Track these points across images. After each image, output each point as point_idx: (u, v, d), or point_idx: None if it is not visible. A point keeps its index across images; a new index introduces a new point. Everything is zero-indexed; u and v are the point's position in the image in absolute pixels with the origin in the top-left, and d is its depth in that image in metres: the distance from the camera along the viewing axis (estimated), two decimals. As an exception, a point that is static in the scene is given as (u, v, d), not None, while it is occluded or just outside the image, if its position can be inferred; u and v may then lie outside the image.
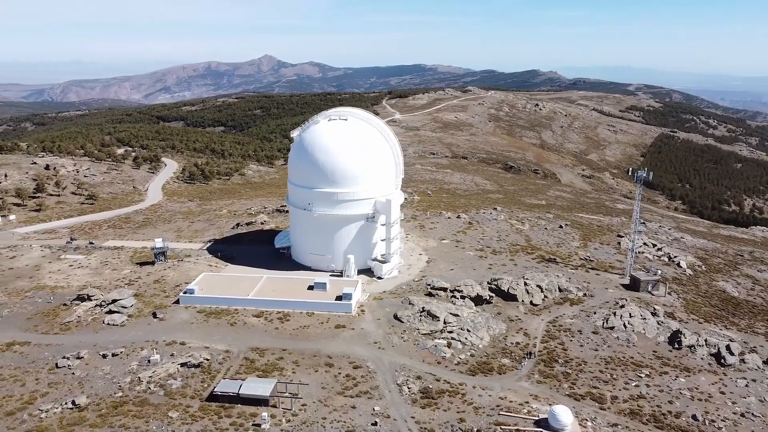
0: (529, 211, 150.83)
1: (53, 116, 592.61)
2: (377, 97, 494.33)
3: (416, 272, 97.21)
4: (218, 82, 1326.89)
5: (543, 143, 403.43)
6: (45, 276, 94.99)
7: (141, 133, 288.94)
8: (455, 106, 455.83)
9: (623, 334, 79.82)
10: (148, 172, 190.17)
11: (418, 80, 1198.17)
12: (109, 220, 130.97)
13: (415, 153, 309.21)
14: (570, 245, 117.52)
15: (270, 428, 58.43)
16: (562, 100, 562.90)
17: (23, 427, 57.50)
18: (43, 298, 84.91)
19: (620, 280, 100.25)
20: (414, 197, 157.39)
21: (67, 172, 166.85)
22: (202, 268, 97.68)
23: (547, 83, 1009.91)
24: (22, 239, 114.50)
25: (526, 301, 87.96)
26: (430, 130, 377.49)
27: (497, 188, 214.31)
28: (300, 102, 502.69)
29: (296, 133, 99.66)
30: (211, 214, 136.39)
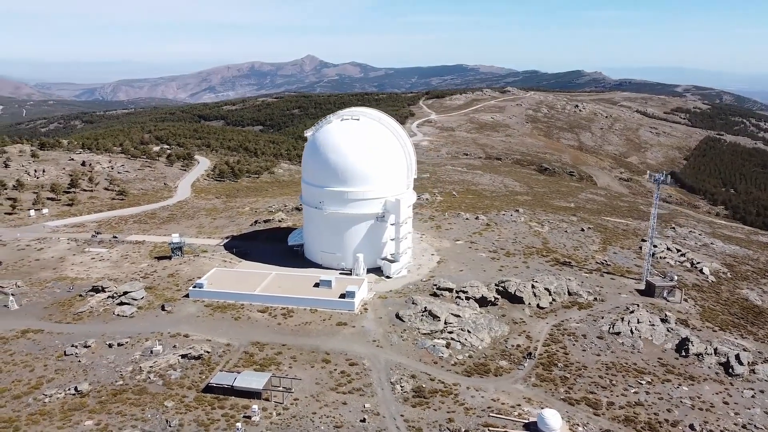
0: (554, 214, 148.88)
1: (101, 114, 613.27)
2: (414, 98, 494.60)
3: (426, 272, 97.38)
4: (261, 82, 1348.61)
5: (581, 145, 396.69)
6: (68, 268, 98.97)
7: (179, 131, 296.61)
8: (492, 106, 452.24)
9: (629, 340, 78.36)
10: (180, 170, 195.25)
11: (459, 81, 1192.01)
12: (135, 215, 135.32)
13: (448, 154, 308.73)
14: (588, 249, 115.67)
15: (260, 420, 59.73)
16: (604, 102, 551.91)
17: (27, 410, 60.34)
18: (61, 289, 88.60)
19: (635, 286, 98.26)
20: (436, 197, 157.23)
21: (102, 169, 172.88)
22: (216, 263, 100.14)
23: (591, 84, 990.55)
24: (52, 232, 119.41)
25: (533, 303, 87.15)
26: (465, 130, 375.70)
27: (526, 190, 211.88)
28: (338, 102, 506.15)
29: (310, 133, 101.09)
30: (233, 211, 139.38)
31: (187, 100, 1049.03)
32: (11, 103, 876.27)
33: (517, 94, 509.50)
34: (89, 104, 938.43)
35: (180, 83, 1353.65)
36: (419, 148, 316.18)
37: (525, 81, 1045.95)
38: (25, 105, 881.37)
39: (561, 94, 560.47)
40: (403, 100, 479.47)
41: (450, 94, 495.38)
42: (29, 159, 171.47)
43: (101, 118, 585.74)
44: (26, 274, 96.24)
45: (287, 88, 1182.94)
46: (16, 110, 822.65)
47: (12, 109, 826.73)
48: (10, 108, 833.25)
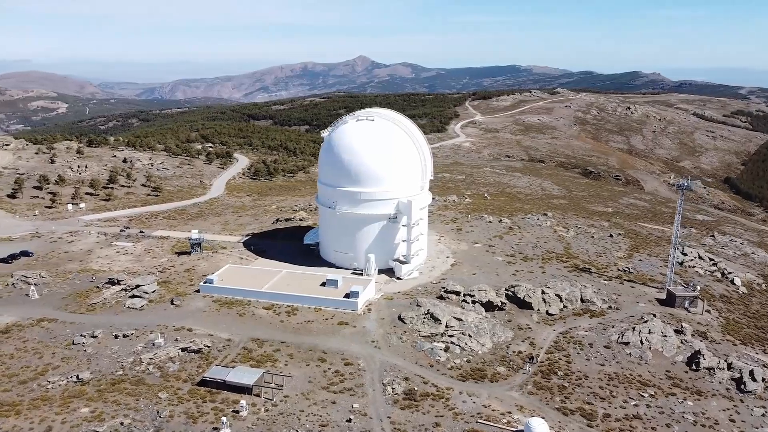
0: (585, 219, 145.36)
1: (157, 113, 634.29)
2: (460, 99, 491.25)
3: (437, 275, 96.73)
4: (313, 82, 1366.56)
5: (631, 148, 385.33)
6: (93, 260, 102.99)
7: (224, 130, 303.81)
8: (540, 108, 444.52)
9: (637, 351, 75.75)
10: (218, 168, 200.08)
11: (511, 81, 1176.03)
12: (166, 211, 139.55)
13: (490, 155, 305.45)
14: (612, 255, 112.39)
15: (247, 416, 60.65)
16: (659, 104, 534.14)
17: (30, 395, 63.15)
18: (82, 281, 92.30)
19: (656, 295, 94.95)
20: (464, 199, 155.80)
21: (141, 166, 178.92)
22: (233, 260, 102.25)
23: (649, 86, 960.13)
24: (85, 226, 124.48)
25: (542, 310, 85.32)
26: (510, 132, 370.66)
27: (564, 193, 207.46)
28: (383, 102, 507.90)
29: (326, 133, 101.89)
30: (260, 209, 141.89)
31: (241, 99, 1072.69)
32: (76, 102, 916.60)
33: (566, 96, 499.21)
34: (148, 103, 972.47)
35: (235, 83, 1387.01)
36: (460, 150, 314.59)
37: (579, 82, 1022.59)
38: (89, 103, 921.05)
39: (613, 96, 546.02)
40: (449, 101, 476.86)
41: (497, 95, 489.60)
42: (74, 155, 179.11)
43: (157, 116, 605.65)
44: (54, 265, 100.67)
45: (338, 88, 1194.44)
46: (80, 108, 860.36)
47: (76, 107, 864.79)
48: (75, 106, 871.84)
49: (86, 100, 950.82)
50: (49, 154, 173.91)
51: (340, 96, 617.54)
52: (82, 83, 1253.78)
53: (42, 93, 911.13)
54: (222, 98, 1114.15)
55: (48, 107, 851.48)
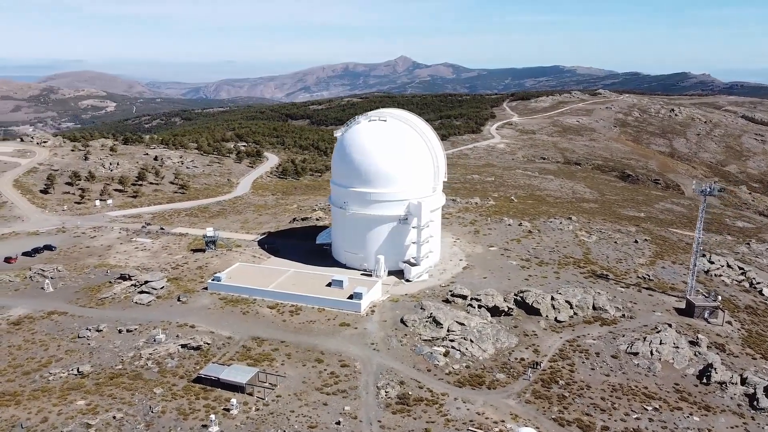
0: (613, 223, 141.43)
1: (199, 112, 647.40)
2: (498, 99, 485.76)
3: (447, 278, 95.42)
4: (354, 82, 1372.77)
5: (673, 151, 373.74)
6: (112, 255, 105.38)
7: (258, 129, 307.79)
8: (579, 109, 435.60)
9: (646, 362, 72.99)
10: (247, 166, 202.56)
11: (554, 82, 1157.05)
12: (189, 208, 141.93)
13: (524, 157, 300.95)
14: (633, 261, 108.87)
15: (237, 414, 60.86)
16: (706, 106, 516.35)
17: (32, 386, 64.85)
18: (96, 275, 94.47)
19: (676, 304, 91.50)
20: (488, 201, 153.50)
21: (171, 164, 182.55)
22: (246, 258, 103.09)
23: (698, 87, 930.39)
24: (110, 222, 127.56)
25: (551, 316, 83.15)
26: (547, 134, 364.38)
27: (596, 197, 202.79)
28: (420, 103, 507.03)
29: (339, 133, 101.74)
30: (281, 208, 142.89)
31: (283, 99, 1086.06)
32: (124, 101, 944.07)
33: (608, 97, 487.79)
34: (192, 102, 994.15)
35: (278, 83, 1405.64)
36: (494, 151, 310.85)
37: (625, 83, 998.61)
38: (136, 102, 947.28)
39: (657, 98, 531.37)
40: (487, 102, 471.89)
41: (536, 96, 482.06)
42: (108, 153, 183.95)
43: (199, 115, 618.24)
44: (74, 259, 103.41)
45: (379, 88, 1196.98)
46: (128, 107, 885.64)
47: (124, 106, 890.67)
48: (123, 105, 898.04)
49: (134, 99, 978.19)
50: (83, 152, 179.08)
51: (377, 96, 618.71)
52: (131, 83, 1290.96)
53: (92, 92, 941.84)
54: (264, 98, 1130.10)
55: (97, 106, 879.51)
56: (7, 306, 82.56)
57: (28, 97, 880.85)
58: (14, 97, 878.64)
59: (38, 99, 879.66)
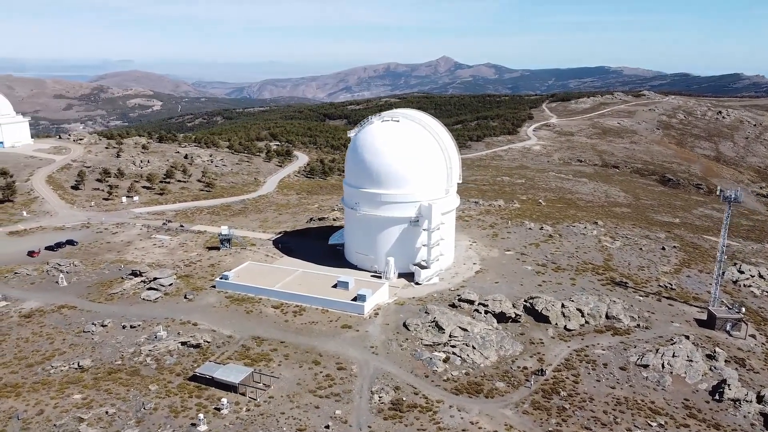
0: (643, 229, 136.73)
1: (240, 111, 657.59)
2: (537, 100, 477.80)
3: (458, 281, 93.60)
4: (396, 82, 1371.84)
5: (719, 155, 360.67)
6: (130, 251, 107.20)
7: (293, 129, 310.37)
8: (621, 111, 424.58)
9: (656, 375, 69.83)
10: (276, 165, 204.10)
11: (599, 83, 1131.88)
12: (212, 207, 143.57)
13: (560, 159, 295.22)
14: (656, 269, 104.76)
15: (227, 414, 60.73)
16: (758, 108, 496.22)
17: (33, 378, 66.23)
18: (111, 271, 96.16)
19: (697, 315, 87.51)
20: (513, 204, 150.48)
21: (201, 162, 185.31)
22: (259, 257, 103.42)
23: (751, 89, 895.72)
24: (134, 218, 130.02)
25: (560, 324, 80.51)
26: (586, 135, 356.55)
27: (630, 201, 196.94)
28: (458, 103, 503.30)
29: (352, 133, 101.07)
30: (301, 207, 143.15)
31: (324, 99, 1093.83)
32: (170, 100, 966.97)
33: (652, 98, 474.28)
34: (235, 102, 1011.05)
35: (320, 83, 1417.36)
36: (529, 153, 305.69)
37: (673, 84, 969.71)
38: (181, 101, 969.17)
39: (705, 99, 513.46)
40: (525, 103, 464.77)
41: (576, 97, 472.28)
42: (140, 150, 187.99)
43: (240, 114, 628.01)
44: (93, 254, 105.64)
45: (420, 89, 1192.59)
46: (173, 106, 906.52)
47: (170, 105, 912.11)
48: (168, 104, 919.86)
49: (179, 99, 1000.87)
50: (116, 149, 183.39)
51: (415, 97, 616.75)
52: (177, 82, 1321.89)
53: (140, 91, 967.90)
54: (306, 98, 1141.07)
55: (144, 105, 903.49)
56: (21, 299, 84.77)
57: (79, 96, 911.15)
58: (66, 95, 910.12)
59: (89, 98, 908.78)
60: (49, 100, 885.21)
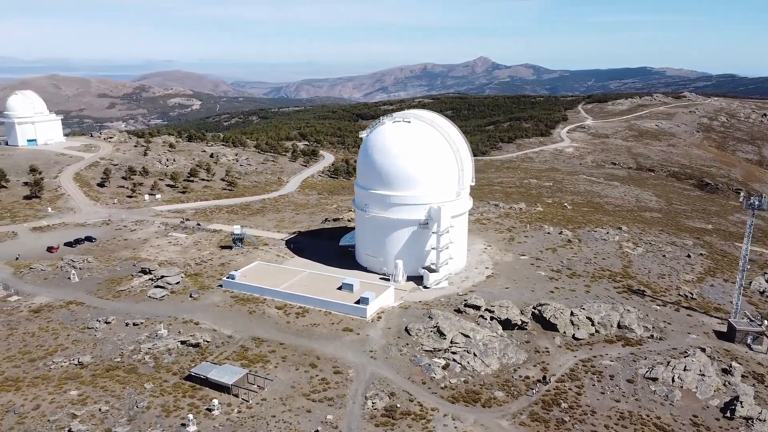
0: (671, 235, 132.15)
1: (275, 111, 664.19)
2: (572, 102, 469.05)
3: (468, 286, 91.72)
4: (432, 83, 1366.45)
5: (762, 159, 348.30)
6: (145, 249, 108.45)
7: (322, 128, 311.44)
8: (660, 113, 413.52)
9: (664, 389, 66.83)
10: (301, 165, 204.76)
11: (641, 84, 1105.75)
12: (231, 205, 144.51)
13: (593, 162, 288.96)
14: (678, 277, 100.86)
15: (218, 415, 60.43)
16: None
17: (34, 373, 67.19)
18: (123, 268, 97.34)
19: (717, 326, 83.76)
20: (536, 207, 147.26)
21: (226, 161, 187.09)
22: (270, 257, 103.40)
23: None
24: (154, 216, 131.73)
25: (568, 333, 77.96)
26: (621, 138, 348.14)
27: (661, 206, 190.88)
28: (492, 104, 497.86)
29: (364, 134, 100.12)
30: (319, 207, 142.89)
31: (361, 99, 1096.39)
32: (209, 99, 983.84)
33: (693, 100, 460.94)
34: (272, 101, 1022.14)
35: (356, 83, 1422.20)
36: (561, 155, 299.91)
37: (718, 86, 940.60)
38: (220, 101, 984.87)
39: (750, 101, 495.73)
40: (561, 104, 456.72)
41: (614, 99, 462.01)
42: (167, 149, 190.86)
43: (275, 114, 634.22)
44: (110, 251, 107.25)
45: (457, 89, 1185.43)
46: (212, 105, 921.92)
47: (208, 105, 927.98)
48: (207, 104, 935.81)
49: (218, 98, 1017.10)
50: (144, 148, 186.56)
51: (448, 97, 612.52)
52: (217, 82, 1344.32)
53: (180, 91, 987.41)
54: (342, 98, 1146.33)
55: (184, 104, 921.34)
56: (32, 294, 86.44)
57: (122, 95, 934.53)
58: (110, 94, 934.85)
59: (131, 97, 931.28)
60: (93, 99, 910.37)
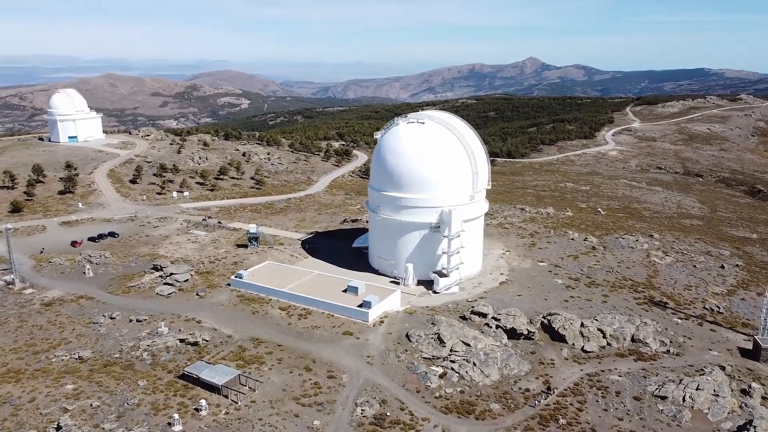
0: (709, 244, 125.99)
1: (320, 111, 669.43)
2: (621, 103, 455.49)
3: (479, 292, 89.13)
4: (480, 83, 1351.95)
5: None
6: (164, 246, 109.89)
7: (360, 128, 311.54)
8: (713, 116, 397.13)
9: (673, 408, 63.00)
10: (333, 165, 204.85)
11: (697, 86, 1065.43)
12: (255, 204, 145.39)
13: (637, 166, 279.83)
14: (706, 289, 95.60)
15: (205, 416, 60.13)
16: None
17: (36, 365, 68.54)
18: (138, 264, 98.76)
19: (742, 343, 78.83)
20: (566, 212, 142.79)
21: (258, 159, 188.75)
22: (283, 257, 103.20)
23: None
24: (179, 213, 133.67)
25: (577, 345, 74.63)
26: (670, 141, 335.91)
27: (704, 213, 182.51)
28: (536, 105, 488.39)
29: (379, 135, 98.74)
30: (343, 208, 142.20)
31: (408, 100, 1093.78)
32: (257, 99, 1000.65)
33: (750, 103, 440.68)
34: (318, 101, 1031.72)
35: (403, 83, 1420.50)
36: (603, 159, 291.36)
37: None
38: (267, 100, 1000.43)
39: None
40: (608, 106, 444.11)
41: (665, 101, 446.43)
42: (201, 147, 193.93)
43: (319, 114, 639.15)
44: (129, 247, 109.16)
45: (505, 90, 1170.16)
46: (260, 105, 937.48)
47: (256, 104, 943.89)
48: (255, 103, 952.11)
49: (266, 98, 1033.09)
50: (178, 146, 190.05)
51: (492, 98, 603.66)
52: (266, 82, 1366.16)
53: (229, 90, 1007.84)
54: (388, 98, 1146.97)
55: (233, 103, 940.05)
56: (47, 287, 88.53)
57: (174, 94, 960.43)
58: (163, 93, 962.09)
59: (183, 96, 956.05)
60: (147, 97, 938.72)
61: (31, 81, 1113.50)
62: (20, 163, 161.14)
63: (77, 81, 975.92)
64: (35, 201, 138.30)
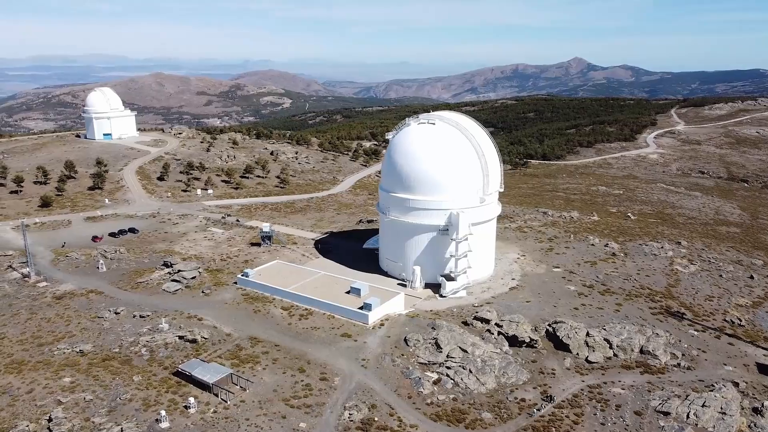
0: (741, 253, 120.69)
1: (359, 110, 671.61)
2: (665, 105, 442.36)
3: (486, 297, 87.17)
4: (523, 84, 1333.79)
5: None
6: (180, 243, 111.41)
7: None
8: (763, 119, 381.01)
9: (674, 425, 60.07)
10: (361, 165, 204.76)
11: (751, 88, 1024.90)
12: (276, 203, 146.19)
13: (678, 170, 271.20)
14: (729, 301, 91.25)
15: (193, 414, 60.30)
16: None
17: (39, 357, 70.02)
18: (151, 260, 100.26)
19: (762, 359, 74.90)
20: (592, 217, 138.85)
21: (285, 158, 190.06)
22: (294, 256, 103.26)
23: None
24: (200, 210, 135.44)
25: (581, 355, 72.07)
26: (715, 145, 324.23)
27: (743, 221, 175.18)
28: (577, 107, 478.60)
29: (390, 136, 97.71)
30: (363, 208, 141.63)
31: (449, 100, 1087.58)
32: (299, 98, 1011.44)
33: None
34: (359, 101, 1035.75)
35: (445, 84, 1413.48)
36: (643, 162, 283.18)
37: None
38: (309, 100, 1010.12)
39: None
40: (651, 108, 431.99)
41: (712, 103, 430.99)
42: (230, 146, 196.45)
43: (358, 114, 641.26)
44: (147, 243, 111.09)
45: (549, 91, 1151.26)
46: (301, 104, 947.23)
47: (298, 103, 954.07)
48: (297, 102, 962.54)
49: (308, 97, 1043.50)
50: (208, 144, 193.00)
51: (532, 98, 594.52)
52: (308, 81, 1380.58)
53: (272, 89, 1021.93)
54: (430, 98, 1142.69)
55: (275, 102, 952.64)
56: (60, 281, 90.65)
57: (218, 93, 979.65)
58: (208, 92, 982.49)
59: (226, 95, 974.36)
60: (193, 96, 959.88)
61: (85, 80, 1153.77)
62: (55, 159, 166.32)
63: (127, 80, 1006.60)
64: (65, 196, 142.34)
